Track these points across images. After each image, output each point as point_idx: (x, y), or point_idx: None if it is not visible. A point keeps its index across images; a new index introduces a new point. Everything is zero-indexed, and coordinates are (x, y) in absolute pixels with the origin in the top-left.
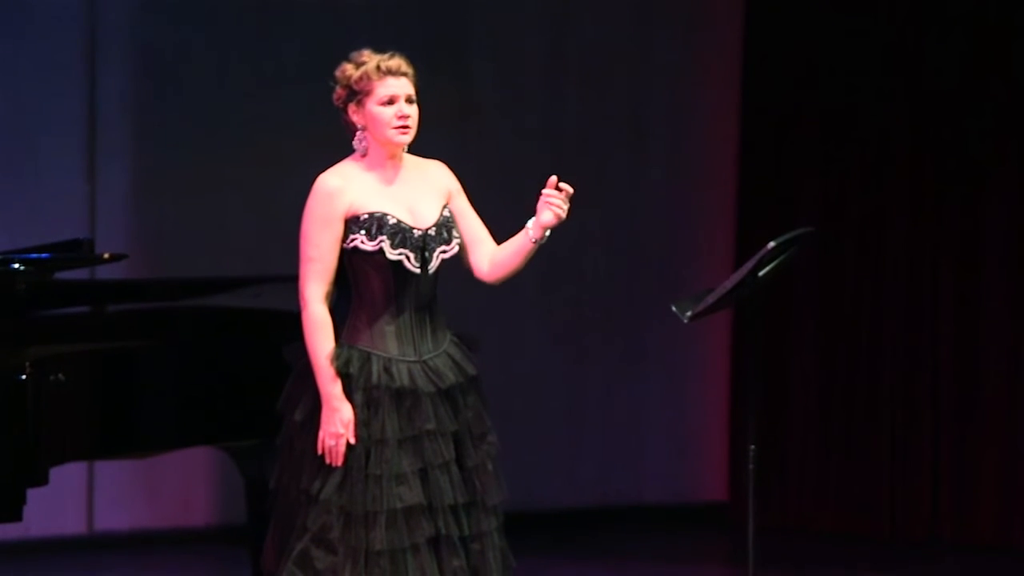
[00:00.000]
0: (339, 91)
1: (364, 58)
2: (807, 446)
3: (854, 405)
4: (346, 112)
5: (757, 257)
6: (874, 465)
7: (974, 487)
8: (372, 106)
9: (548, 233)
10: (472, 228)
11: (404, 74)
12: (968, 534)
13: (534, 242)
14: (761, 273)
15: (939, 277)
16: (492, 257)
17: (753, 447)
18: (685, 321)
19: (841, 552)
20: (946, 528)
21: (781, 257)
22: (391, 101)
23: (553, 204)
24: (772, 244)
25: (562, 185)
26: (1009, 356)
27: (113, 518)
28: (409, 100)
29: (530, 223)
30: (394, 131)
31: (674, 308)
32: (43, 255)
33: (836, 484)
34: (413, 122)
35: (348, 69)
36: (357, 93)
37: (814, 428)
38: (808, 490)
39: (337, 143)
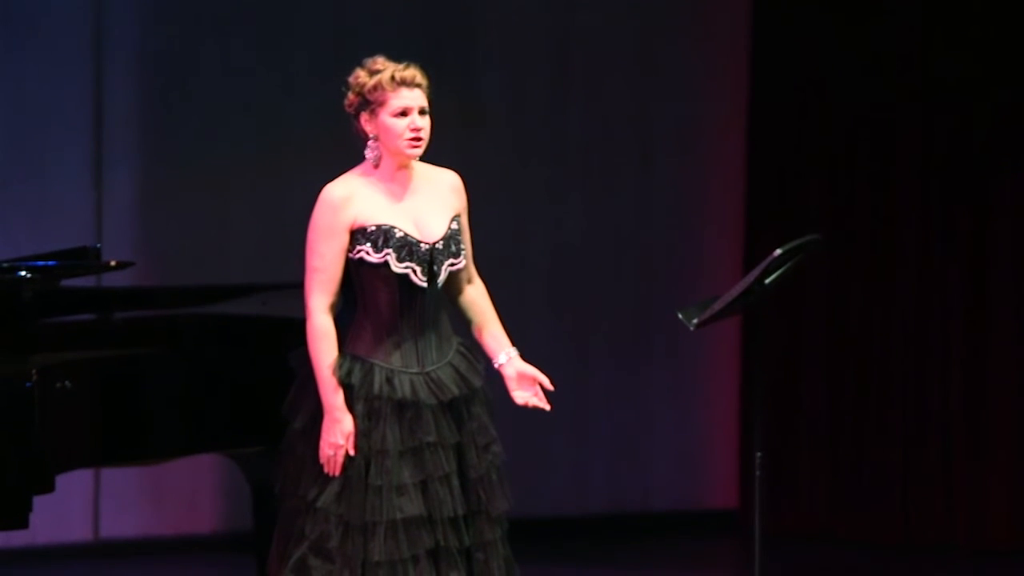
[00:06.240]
0: (351, 97)
1: (378, 66)
2: (818, 451)
3: (865, 410)
4: (357, 120)
5: (763, 264)
6: (886, 470)
7: (987, 491)
8: (385, 117)
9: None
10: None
11: (418, 85)
12: (982, 539)
13: (496, 364)
14: (767, 280)
15: (949, 282)
16: (467, 302)
17: (760, 454)
18: (691, 328)
19: (854, 558)
20: (959, 533)
21: (788, 264)
22: (404, 113)
23: (527, 395)
24: (778, 251)
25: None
26: (1020, 359)
27: (119, 525)
28: (422, 112)
29: (507, 357)
30: (406, 143)
31: (680, 315)
32: (49, 263)
33: (847, 490)
34: (425, 134)
35: (361, 76)
36: (370, 103)
37: (825, 433)
38: (820, 496)
39: (344, 151)
